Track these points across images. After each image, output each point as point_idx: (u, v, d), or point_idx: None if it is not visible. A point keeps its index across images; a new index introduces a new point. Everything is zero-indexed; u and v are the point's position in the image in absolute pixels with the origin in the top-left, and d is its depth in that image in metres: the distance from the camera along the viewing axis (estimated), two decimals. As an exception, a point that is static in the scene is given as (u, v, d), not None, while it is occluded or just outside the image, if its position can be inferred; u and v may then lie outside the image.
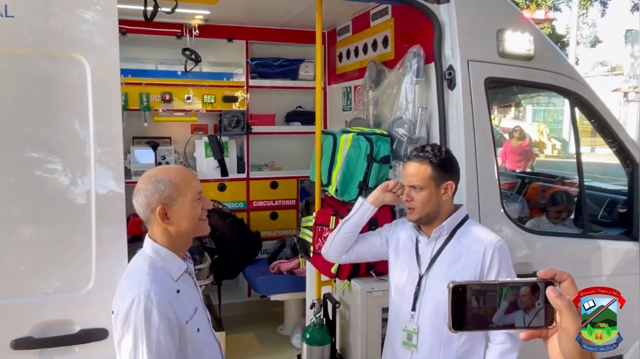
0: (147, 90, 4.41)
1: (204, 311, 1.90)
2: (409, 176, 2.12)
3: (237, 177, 4.75)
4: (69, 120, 2.13)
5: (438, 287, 2.09)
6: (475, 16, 2.90)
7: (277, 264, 4.19)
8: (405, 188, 2.14)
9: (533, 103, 20.88)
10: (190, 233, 1.85)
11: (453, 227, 2.14)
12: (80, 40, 2.11)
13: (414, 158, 2.14)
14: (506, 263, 2.08)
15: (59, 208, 2.11)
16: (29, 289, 2.07)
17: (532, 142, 16.81)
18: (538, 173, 5.20)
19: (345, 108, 4.30)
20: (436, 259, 2.13)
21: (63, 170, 2.12)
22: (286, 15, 4.26)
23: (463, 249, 2.09)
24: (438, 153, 2.13)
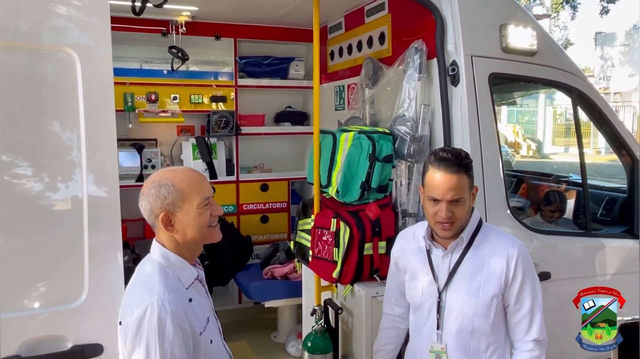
0: (132, 90, 4.23)
1: (215, 321, 1.79)
2: (449, 190, 1.86)
3: (226, 179, 4.59)
4: (57, 121, 1.97)
5: (461, 302, 1.96)
6: (478, 10, 2.83)
7: (270, 269, 4.05)
8: (443, 204, 1.87)
9: (508, 104, 21.18)
10: (198, 241, 1.72)
11: (470, 236, 1.99)
12: (70, 34, 1.96)
13: (448, 168, 1.86)
14: (530, 268, 1.97)
15: (47, 215, 1.95)
16: (16, 303, 1.90)
17: (508, 143, 17.02)
18: (533, 171, 5.19)
19: (337, 107, 4.19)
20: (455, 271, 1.98)
21: (51, 175, 1.96)
22: (276, 12, 4.13)
23: (484, 259, 1.95)
24: (467, 157, 1.94)
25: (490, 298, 1.92)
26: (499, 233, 2.07)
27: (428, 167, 1.93)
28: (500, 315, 1.96)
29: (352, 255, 2.82)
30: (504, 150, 15.10)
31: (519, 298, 1.93)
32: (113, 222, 2.02)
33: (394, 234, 2.87)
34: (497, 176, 2.81)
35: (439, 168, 1.88)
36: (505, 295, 1.94)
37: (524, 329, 1.95)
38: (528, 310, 1.93)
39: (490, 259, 1.95)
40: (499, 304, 1.94)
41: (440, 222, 1.91)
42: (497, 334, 1.97)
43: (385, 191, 2.92)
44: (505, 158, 14.64)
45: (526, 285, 1.93)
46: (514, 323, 1.97)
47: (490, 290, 1.92)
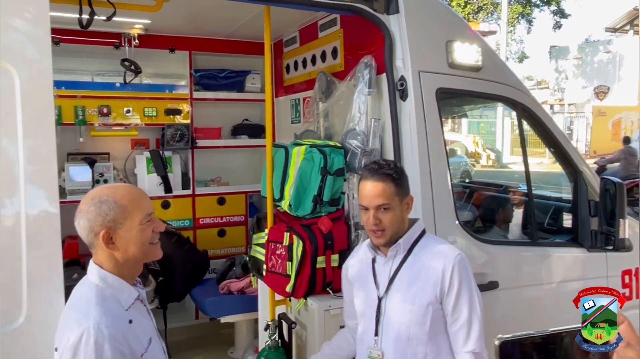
0: (83, 103, 4.14)
1: (158, 340, 1.75)
2: (374, 197, 1.98)
3: (182, 193, 4.54)
4: None
5: (399, 309, 2.01)
6: (425, 27, 2.90)
7: (226, 284, 4.00)
8: (370, 211, 1.98)
9: (468, 115, 21.75)
10: (139, 259, 1.69)
11: (410, 244, 2.06)
12: (8, 48, 1.91)
13: (373, 177, 2.00)
14: (467, 278, 2.00)
15: (-18, 233, 1.89)
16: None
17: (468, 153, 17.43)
18: (482, 182, 5.32)
19: (294, 120, 4.21)
20: (394, 279, 2.04)
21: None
22: (231, 25, 4.13)
23: (421, 267, 2.01)
24: (395, 167, 2.06)
25: (426, 306, 1.96)
26: (439, 242, 2.13)
27: (360, 178, 2.06)
28: (439, 324, 1.99)
29: (305, 269, 2.82)
30: (463, 160, 15.48)
31: (456, 307, 1.97)
32: (53, 240, 1.97)
33: (346, 247, 2.90)
34: (445, 188, 2.87)
35: (366, 178, 2.02)
36: (444, 304, 1.98)
37: (462, 340, 1.98)
38: (465, 320, 1.97)
39: (427, 267, 2.00)
40: (435, 313, 1.97)
41: (371, 230, 2.00)
42: (436, 344, 1.99)
43: (338, 205, 2.95)
44: (465, 168, 15.00)
45: (463, 294, 1.96)
46: (452, 333, 2.00)
47: (426, 298, 1.96)
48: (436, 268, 1.98)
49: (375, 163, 2.07)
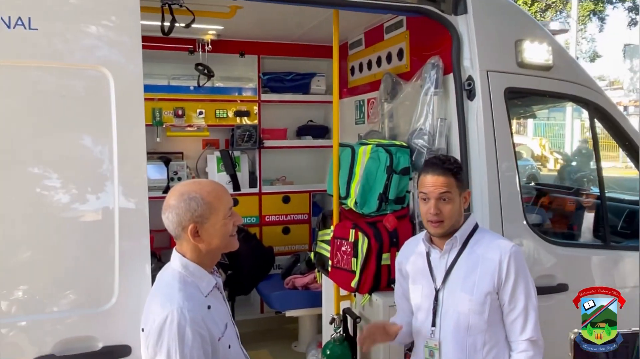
0: (160, 105, 4.41)
1: (233, 326, 1.87)
2: (436, 187, 2.04)
3: (249, 191, 4.72)
4: (90, 136, 2.11)
5: (457, 300, 2.06)
6: (494, 26, 2.90)
7: (291, 279, 4.13)
8: (431, 201, 2.05)
9: (534, 117, 20.93)
10: (220, 249, 1.82)
11: (465, 237, 2.11)
12: (104, 54, 2.10)
13: (435, 170, 2.07)
14: (523, 268, 2.05)
15: (82, 224, 2.09)
16: (51, 305, 2.03)
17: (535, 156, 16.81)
18: (551, 184, 5.17)
19: (358, 121, 4.28)
20: (451, 271, 2.10)
21: (85, 186, 2.10)
22: (298, 29, 4.27)
23: (478, 258, 2.07)
24: (455, 162, 2.14)
25: (485, 295, 2.01)
26: (493, 235, 2.20)
27: (421, 172, 2.14)
28: (496, 313, 2.04)
29: (370, 265, 2.89)
30: (529, 163, 14.97)
31: (513, 297, 2.02)
32: (141, 232, 2.14)
33: (411, 245, 2.94)
34: (513, 189, 2.85)
35: (427, 171, 2.09)
36: (500, 294, 2.03)
37: (519, 329, 2.02)
38: (522, 309, 2.01)
39: (483, 258, 2.05)
40: (493, 303, 2.02)
41: (430, 220, 2.05)
42: (494, 332, 2.04)
43: (403, 203, 2.99)
44: (531, 171, 14.49)
45: (519, 284, 2.01)
46: (509, 323, 2.05)
47: (484, 288, 2.01)
48: (493, 260, 2.03)
49: (437, 157, 2.16)
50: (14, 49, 1.99)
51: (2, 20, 1.96)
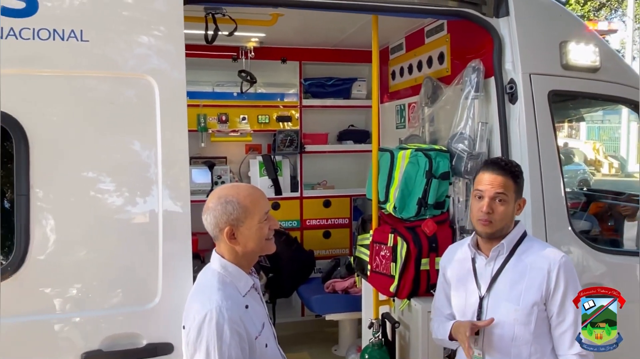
0: (205, 111, 4.55)
1: (270, 327, 1.91)
2: (493, 186, 1.98)
3: (291, 195, 4.79)
4: (137, 141, 2.20)
5: (501, 309, 2.01)
6: (537, 28, 2.84)
7: (331, 283, 4.16)
8: (485, 199, 1.99)
9: (587, 120, 20.16)
10: (256, 252, 1.87)
11: (512, 245, 2.05)
12: (150, 63, 2.20)
13: (496, 170, 2.01)
14: (573, 280, 1.98)
15: (129, 226, 2.18)
16: (100, 303, 2.13)
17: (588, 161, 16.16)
18: (602, 190, 4.98)
19: (399, 125, 4.27)
20: (497, 279, 2.04)
21: (132, 189, 2.18)
22: (339, 35, 4.31)
23: (525, 267, 2.00)
24: (518, 166, 2.08)
25: (531, 306, 1.95)
26: (542, 244, 2.12)
27: (479, 170, 2.08)
28: (544, 325, 1.98)
29: (409, 270, 2.87)
30: (581, 168, 14.44)
31: (562, 309, 1.94)
32: (185, 234, 2.21)
33: (451, 250, 2.91)
34: (557, 195, 2.78)
35: (487, 169, 2.03)
36: (548, 305, 1.96)
37: (567, 343, 1.94)
38: (571, 323, 1.93)
39: (531, 268, 1.99)
40: (540, 314, 1.95)
41: (481, 219, 1.99)
42: (540, 344, 1.97)
43: (443, 208, 2.97)
44: (583, 176, 13.97)
45: (569, 296, 1.93)
46: (557, 335, 1.97)
47: (531, 298, 1.95)
48: (541, 269, 1.97)
49: (498, 158, 2.16)
50: (67, 59, 2.10)
51: (57, 33, 2.08)
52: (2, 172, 2.24)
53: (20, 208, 2.04)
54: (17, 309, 2.05)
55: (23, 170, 2.04)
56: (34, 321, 2.07)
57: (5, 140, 2.12)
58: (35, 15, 2.07)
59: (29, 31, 2.06)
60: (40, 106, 2.09)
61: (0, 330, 2.02)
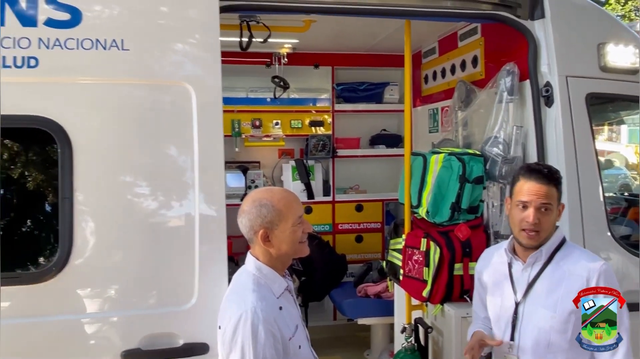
0: (239, 117, 4.63)
1: (303, 329, 1.93)
2: (539, 196, 1.93)
3: (323, 199, 4.81)
4: (174, 146, 2.27)
5: (537, 315, 1.97)
6: (574, 30, 2.79)
7: (363, 287, 4.16)
8: (530, 210, 1.94)
9: (628, 123, 19.43)
10: (290, 255, 1.90)
11: (551, 251, 2.01)
12: (187, 71, 2.26)
13: (540, 178, 1.95)
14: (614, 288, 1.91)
15: (166, 228, 2.25)
16: (139, 303, 2.20)
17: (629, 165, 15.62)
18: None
19: (431, 130, 4.25)
20: (534, 285, 2.01)
21: (169, 193, 2.25)
22: (371, 40, 4.32)
23: (564, 274, 1.96)
24: (558, 172, 2.03)
25: (568, 314, 1.90)
26: (582, 251, 2.07)
27: (518, 178, 2.02)
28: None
29: (442, 275, 2.86)
30: (622, 172, 13.97)
31: None
32: (220, 237, 2.27)
33: (485, 255, 2.88)
34: (596, 200, 2.72)
35: (530, 178, 1.96)
36: None
37: (607, 354, 1.86)
38: None
39: (570, 275, 1.94)
40: (578, 322, 1.89)
41: (526, 229, 1.95)
42: (578, 353, 1.91)
43: (476, 213, 2.94)
44: (624, 181, 13.51)
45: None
46: None
47: (568, 306, 1.90)
48: (580, 277, 1.92)
49: (540, 164, 2.10)
50: (108, 68, 2.19)
51: (99, 43, 2.17)
52: (42, 176, 2.35)
53: (64, 211, 2.13)
54: (61, 308, 2.15)
55: (67, 174, 2.13)
56: (76, 319, 2.15)
57: (46, 144, 2.23)
58: (79, 26, 2.17)
59: (74, 41, 2.16)
60: (83, 113, 2.19)
61: (45, 328, 2.12)
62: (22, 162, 2.35)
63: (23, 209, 2.35)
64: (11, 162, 2.31)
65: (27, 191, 2.34)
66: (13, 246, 2.29)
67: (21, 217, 2.35)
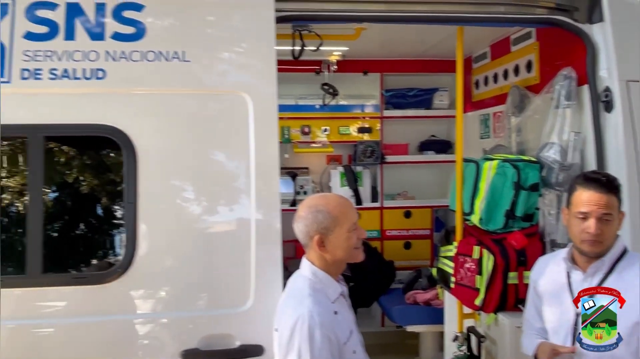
0: (288, 124, 4.71)
1: (357, 334, 1.95)
2: (600, 206, 1.91)
3: (371, 206, 4.82)
4: (231, 153, 2.34)
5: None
6: (634, 33, 2.70)
7: (412, 294, 4.13)
8: (592, 220, 1.91)
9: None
10: (344, 260, 1.93)
11: (613, 261, 1.96)
12: (244, 81, 2.34)
13: (601, 188, 1.92)
14: None
15: (223, 232, 2.33)
16: (196, 304, 2.28)
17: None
18: None
19: (483, 135, 4.19)
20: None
21: (226, 198, 2.33)
22: (421, 46, 4.31)
23: (627, 285, 1.90)
24: (617, 181, 2.00)
25: (632, 325, 1.84)
26: None
27: (576, 187, 1.98)
28: None
29: (495, 284, 2.81)
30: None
31: None
32: (275, 241, 2.32)
33: (541, 264, 2.82)
34: (661, 208, 2.61)
35: (589, 187, 1.93)
36: None
37: None
38: None
39: (633, 285, 1.88)
40: None
41: (588, 240, 1.91)
42: None
43: (532, 221, 2.88)
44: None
45: None
46: None
47: (632, 317, 1.84)
48: None
49: (598, 173, 2.07)
50: (170, 78, 2.29)
51: (162, 54, 2.28)
52: (108, 182, 2.47)
53: (128, 215, 2.23)
54: (124, 307, 2.25)
55: (131, 181, 2.23)
56: (139, 319, 2.25)
57: (111, 151, 2.36)
58: (143, 39, 2.28)
59: (138, 53, 2.27)
60: (146, 121, 2.30)
61: (109, 326, 2.23)
62: (88, 168, 2.49)
63: (90, 213, 2.48)
64: (78, 168, 2.45)
65: (93, 197, 2.47)
66: (81, 248, 2.43)
67: (88, 221, 2.49)
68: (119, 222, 2.32)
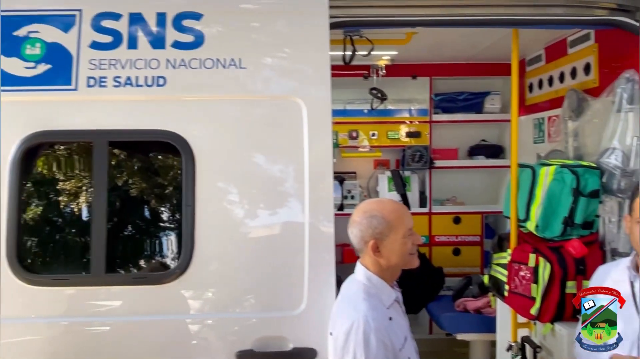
0: (336, 128, 4.73)
1: (412, 341, 1.94)
2: None
3: (419, 211, 4.78)
4: (286, 158, 2.37)
5: None
6: (702, 34, 2.57)
7: (463, 301, 4.05)
8: None
9: None
10: (399, 266, 1.92)
11: None
12: (298, 86, 2.37)
13: None
14: None
15: (277, 235, 2.35)
16: (253, 306, 2.32)
17: None
18: None
19: (536, 140, 4.08)
20: None
21: (280, 202, 2.36)
22: (472, 49, 4.25)
23: None
24: None
25: None
26: None
27: (638, 193, 1.92)
28: None
29: (552, 293, 2.73)
30: None
31: None
32: (328, 244, 2.33)
33: (601, 274, 2.72)
34: None
35: None
36: None
37: None
38: None
39: None
40: None
41: None
42: None
43: (591, 228, 2.78)
44: None
45: None
46: None
47: None
48: None
49: None
50: (228, 85, 2.35)
51: (219, 62, 2.34)
52: (167, 186, 2.55)
53: (187, 218, 2.30)
54: (181, 308, 2.31)
55: (190, 184, 2.30)
56: (194, 319, 2.31)
57: (169, 156, 2.43)
58: (202, 47, 2.35)
59: (197, 61, 2.34)
60: (204, 127, 2.36)
61: (166, 326, 2.29)
62: (149, 172, 2.58)
63: (150, 215, 2.57)
64: (140, 172, 2.54)
65: (152, 200, 2.56)
66: (141, 249, 2.52)
67: (148, 223, 2.57)
68: (177, 225, 2.39)
